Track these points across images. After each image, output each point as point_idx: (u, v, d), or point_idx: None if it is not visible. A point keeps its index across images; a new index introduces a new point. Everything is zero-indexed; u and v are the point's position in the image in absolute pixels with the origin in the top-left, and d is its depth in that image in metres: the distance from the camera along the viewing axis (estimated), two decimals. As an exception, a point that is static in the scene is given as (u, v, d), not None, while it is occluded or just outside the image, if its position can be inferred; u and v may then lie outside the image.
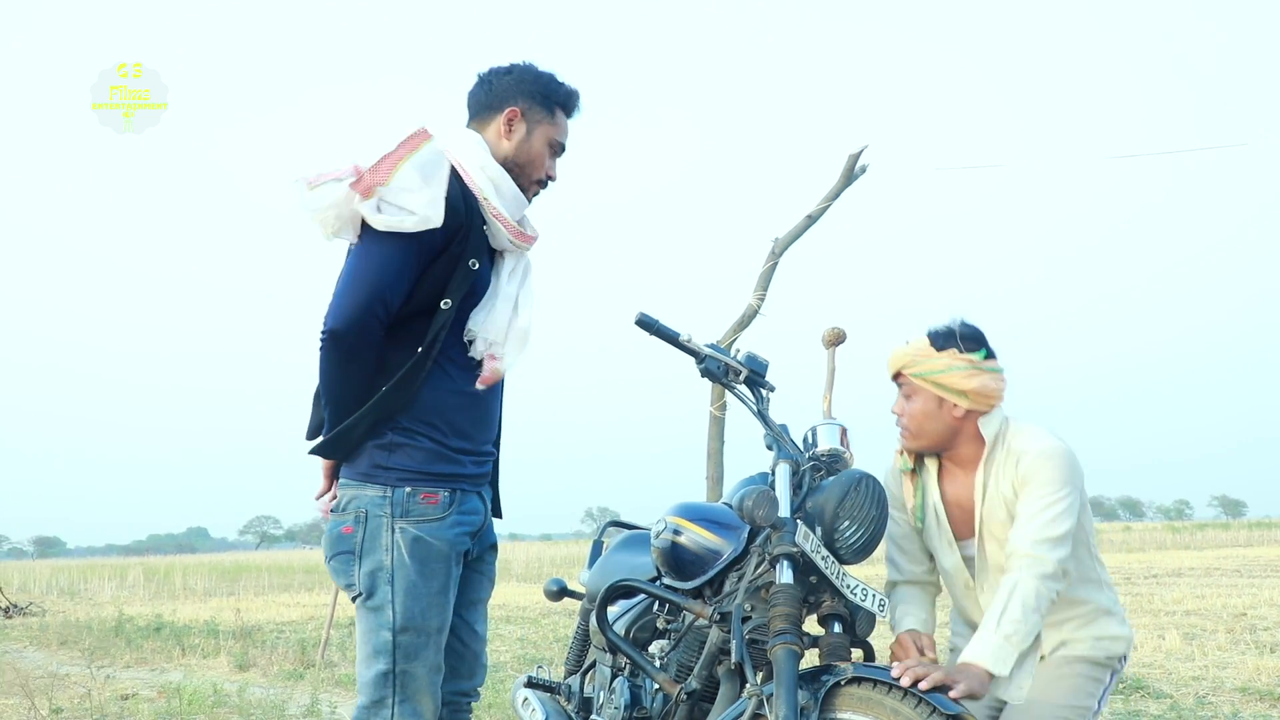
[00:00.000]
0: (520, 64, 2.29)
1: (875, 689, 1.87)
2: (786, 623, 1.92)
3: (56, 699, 5.66)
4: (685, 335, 2.27)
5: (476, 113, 2.29)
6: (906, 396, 2.36)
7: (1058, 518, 2.16)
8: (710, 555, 2.18)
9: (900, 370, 2.36)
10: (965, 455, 2.34)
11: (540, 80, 2.28)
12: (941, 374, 2.29)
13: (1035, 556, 2.13)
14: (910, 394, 2.35)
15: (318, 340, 2.07)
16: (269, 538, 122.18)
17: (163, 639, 9.46)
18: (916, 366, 2.32)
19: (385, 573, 2.08)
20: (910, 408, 2.34)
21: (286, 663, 7.49)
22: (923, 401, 2.32)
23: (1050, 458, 2.21)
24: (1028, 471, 2.22)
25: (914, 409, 2.33)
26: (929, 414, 2.32)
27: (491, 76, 2.29)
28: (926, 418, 2.32)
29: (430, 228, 2.02)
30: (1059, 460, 2.21)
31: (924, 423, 2.33)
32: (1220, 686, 5.27)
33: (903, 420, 2.37)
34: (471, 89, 2.31)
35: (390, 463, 2.10)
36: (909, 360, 2.34)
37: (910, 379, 2.34)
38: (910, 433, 2.36)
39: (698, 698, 2.19)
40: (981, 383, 2.28)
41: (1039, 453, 2.22)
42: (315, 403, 2.23)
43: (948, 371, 2.29)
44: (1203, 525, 47.55)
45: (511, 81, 2.26)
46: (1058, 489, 2.18)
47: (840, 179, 6.28)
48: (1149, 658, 6.35)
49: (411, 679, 2.09)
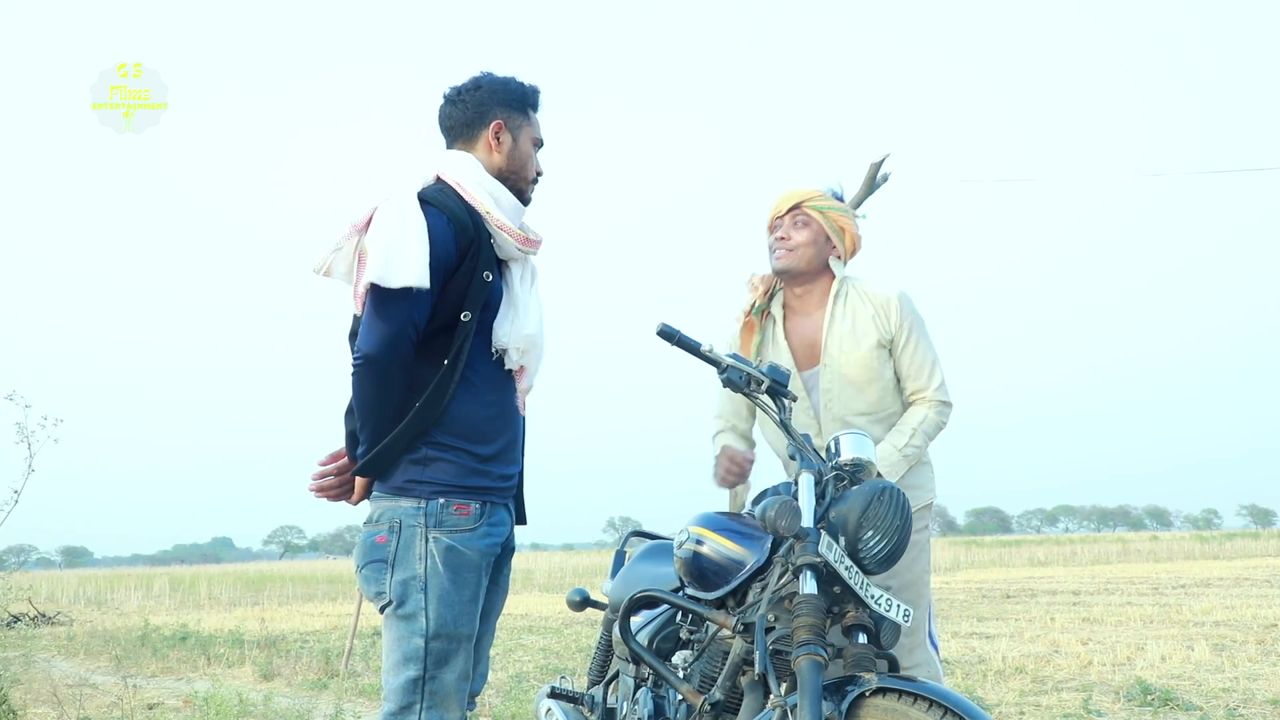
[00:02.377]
0: (482, 76, 2.36)
1: (900, 700, 1.85)
2: (810, 633, 1.91)
3: (85, 708, 5.71)
4: (707, 345, 2.28)
5: (459, 134, 2.34)
6: (797, 227, 2.77)
7: (937, 362, 2.75)
8: (733, 565, 2.18)
9: (802, 202, 2.78)
10: (815, 295, 2.79)
11: (509, 87, 2.35)
12: (837, 212, 2.79)
13: (939, 400, 2.72)
14: (803, 225, 2.77)
15: (351, 364, 2.13)
16: (293, 548, 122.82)
17: (188, 648, 9.53)
18: (818, 201, 2.78)
19: (418, 581, 2.12)
20: (799, 235, 2.76)
21: (311, 672, 7.52)
22: (812, 233, 2.77)
23: (912, 304, 2.75)
24: (899, 319, 2.71)
25: (803, 237, 2.76)
26: (815, 243, 2.77)
27: (462, 95, 2.34)
28: (812, 244, 2.76)
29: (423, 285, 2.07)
30: (916, 307, 2.76)
31: (808, 249, 2.76)
32: (1251, 699, 5.19)
33: (787, 243, 2.76)
34: (442, 110, 2.36)
35: (425, 476, 2.15)
36: (813, 196, 2.79)
37: (809, 211, 2.77)
38: (794, 254, 2.75)
39: (721, 709, 2.18)
40: (856, 231, 2.82)
41: (900, 299, 2.73)
42: (347, 416, 2.28)
43: (842, 212, 2.80)
44: (1231, 535, 46.90)
45: (484, 95, 2.33)
46: (928, 337, 2.75)
47: (863, 187, 6.29)
48: (1178, 669, 6.28)
49: (441, 686, 2.12)
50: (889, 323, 2.71)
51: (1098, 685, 5.76)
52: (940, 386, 2.74)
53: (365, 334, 2.10)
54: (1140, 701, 5.12)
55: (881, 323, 2.71)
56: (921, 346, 2.73)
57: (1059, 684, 5.86)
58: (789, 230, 2.77)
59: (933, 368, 2.74)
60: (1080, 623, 9.64)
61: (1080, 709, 5.00)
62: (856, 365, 2.69)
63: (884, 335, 2.71)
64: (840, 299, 2.75)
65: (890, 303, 2.72)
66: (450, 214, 2.16)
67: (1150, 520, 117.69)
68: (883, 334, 2.71)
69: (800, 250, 2.75)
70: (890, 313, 2.71)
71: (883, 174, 6.26)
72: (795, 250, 2.75)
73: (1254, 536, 42.49)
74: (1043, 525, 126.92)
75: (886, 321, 2.71)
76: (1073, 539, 51.75)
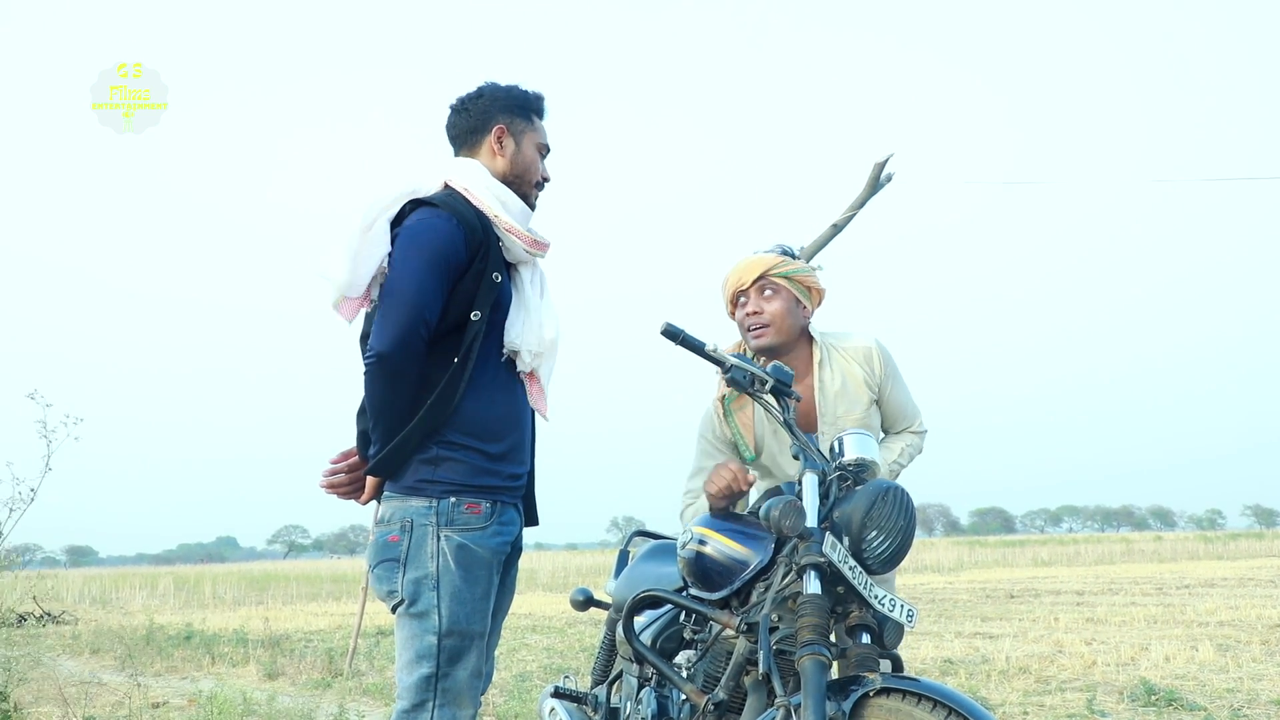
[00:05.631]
0: (485, 85, 2.42)
1: (904, 700, 1.85)
2: (814, 633, 1.91)
3: (90, 707, 5.72)
4: (711, 345, 2.28)
5: (464, 141, 2.40)
6: (766, 299, 2.67)
7: (912, 398, 2.80)
8: (737, 565, 2.18)
9: (767, 271, 2.67)
10: (797, 362, 2.70)
11: (512, 94, 2.40)
12: (802, 274, 2.70)
13: (918, 431, 2.82)
14: (771, 295, 2.67)
15: (364, 363, 2.17)
16: (297, 547, 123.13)
17: (192, 647, 9.55)
18: (783, 268, 2.67)
19: (430, 579, 2.14)
20: (771, 307, 2.66)
21: (315, 671, 7.53)
22: (783, 301, 2.67)
23: (887, 351, 2.75)
24: (882, 368, 2.72)
25: (775, 309, 2.66)
26: (789, 311, 2.67)
27: (466, 104, 2.40)
28: (787, 314, 2.67)
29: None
30: (890, 352, 2.77)
31: (784, 319, 2.66)
32: (1255, 699, 5.19)
33: (761, 318, 2.66)
34: (449, 120, 2.42)
35: (436, 476, 2.18)
36: (777, 263, 2.68)
37: (774, 279, 2.67)
38: (771, 329, 2.66)
39: (725, 708, 2.19)
40: (821, 286, 2.76)
41: (879, 349, 2.73)
42: (359, 417, 2.31)
43: (807, 273, 2.71)
44: (1236, 535, 46.84)
45: (486, 103, 2.38)
46: (903, 377, 2.78)
47: (866, 188, 6.28)
48: (1182, 669, 6.27)
49: (454, 683, 2.15)
50: (874, 375, 2.73)
51: (1102, 685, 5.76)
52: (920, 420, 2.83)
53: (378, 333, 2.13)
54: (1144, 702, 5.11)
55: (869, 378, 2.72)
56: (901, 388, 2.78)
57: (1063, 684, 5.86)
58: (759, 304, 2.68)
59: (913, 406, 2.82)
60: (1084, 623, 9.63)
61: (1084, 709, 4.99)
62: (857, 424, 2.67)
63: (873, 390, 2.73)
64: (826, 365, 2.72)
65: (872, 354, 2.73)
66: (459, 217, 2.20)
67: (1154, 520, 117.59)
68: (872, 390, 2.73)
69: (777, 323, 2.67)
70: (874, 365, 2.73)
71: (886, 174, 6.25)
72: (773, 324, 2.67)
73: (1258, 537, 42.40)
74: (1046, 525, 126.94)
75: (873, 375, 2.72)
76: (1076, 539, 51.67)
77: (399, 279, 2.14)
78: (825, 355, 2.72)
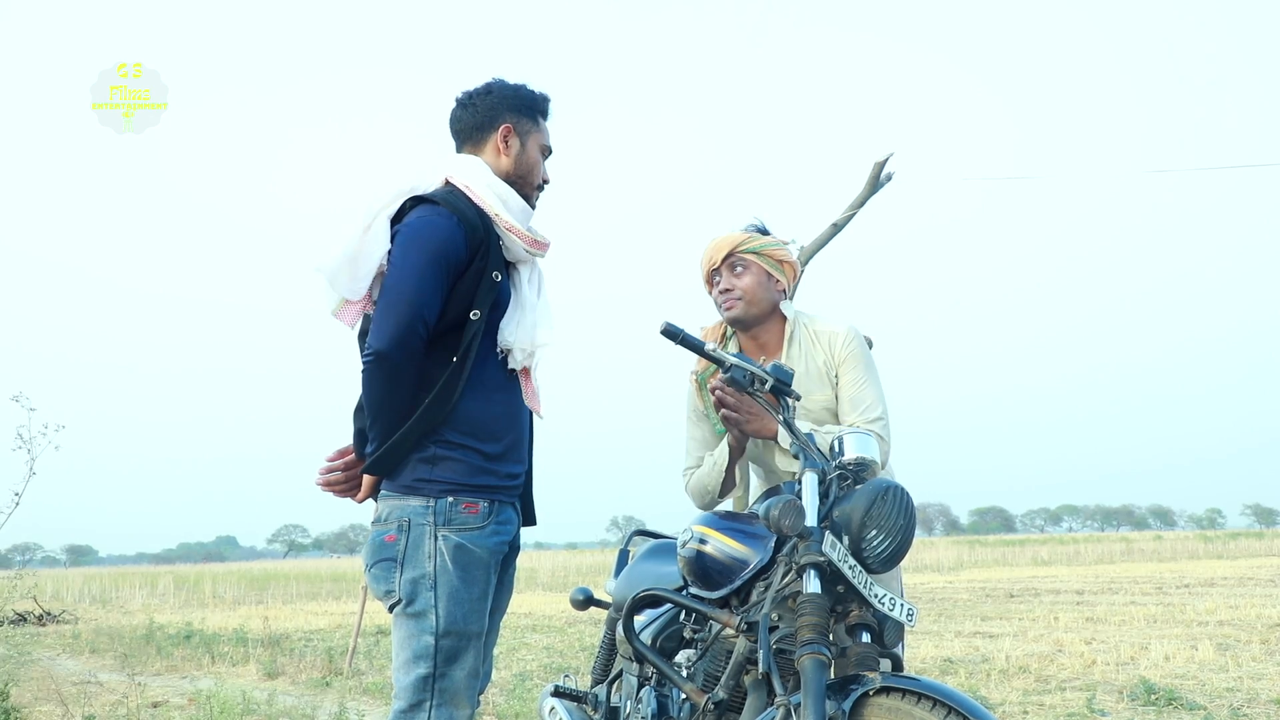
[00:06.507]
0: (494, 81, 2.39)
1: (904, 699, 1.85)
2: (814, 632, 1.91)
3: (90, 706, 5.72)
4: (711, 345, 2.28)
5: (468, 137, 2.38)
6: (737, 275, 2.69)
7: (881, 400, 2.63)
8: (737, 564, 2.18)
9: (735, 248, 2.70)
10: (769, 337, 2.72)
11: (520, 94, 2.38)
12: (773, 248, 2.72)
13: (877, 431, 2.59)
14: (742, 271, 2.70)
15: (362, 361, 2.15)
16: (297, 546, 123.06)
17: (192, 647, 9.55)
18: (751, 243, 2.70)
19: (428, 579, 2.13)
20: (742, 282, 2.69)
21: (314, 671, 7.54)
22: (754, 275, 2.69)
23: (859, 339, 2.67)
24: (843, 353, 2.64)
25: (746, 283, 2.69)
26: (761, 285, 2.70)
27: (473, 100, 2.37)
28: (759, 288, 2.69)
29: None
30: (863, 344, 2.68)
31: (756, 292, 2.68)
32: (1255, 698, 5.19)
33: (733, 294, 2.69)
34: (454, 114, 2.40)
35: (433, 475, 2.17)
36: (744, 240, 2.71)
37: (744, 255, 2.69)
38: (744, 302, 2.68)
39: (725, 707, 2.18)
40: (794, 261, 2.76)
41: (847, 332, 2.67)
42: (356, 414, 2.30)
43: (776, 246, 2.73)
44: (1235, 534, 46.84)
45: (495, 100, 2.36)
46: (874, 375, 2.65)
47: (866, 187, 6.28)
48: (1182, 669, 6.27)
49: (451, 683, 2.14)
50: (833, 360, 2.66)
51: (1101, 685, 5.76)
52: (879, 420, 2.58)
53: (376, 331, 2.12)
54: (1144, 701, 5.11)
55: (829, 361, 2.66)
56: (862, 381, 2.63)
57: (1063, 683, 5.86)
58: (730, 280, 2.70)
59: (873, 402, 2.59)
60: (1084, 622, 9.63)
61: (1084, 708, 5.00)
62: (818, 407, 2.64)
63: (830, 373, 2.66)
64: (795, 341, 2.70)
65: (836, 338, 2.66)
66: (460, 214, 2.18)
67: (1154, 519, 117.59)
68: (829, 372, 2.66)
69: (748, 295, 2.68)
70: (835, 347, 2.66)
71: (886, 173, 6.25)
72: (743, 297, 2.68)
73: (1258, 536, 42.42)
74: (1046, 524, 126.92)
75: (831, 357, 2.66)
76: (1076, 538, 51.70)
77: (398, 277, 2.13)
78: (796, 334, 2.71)
